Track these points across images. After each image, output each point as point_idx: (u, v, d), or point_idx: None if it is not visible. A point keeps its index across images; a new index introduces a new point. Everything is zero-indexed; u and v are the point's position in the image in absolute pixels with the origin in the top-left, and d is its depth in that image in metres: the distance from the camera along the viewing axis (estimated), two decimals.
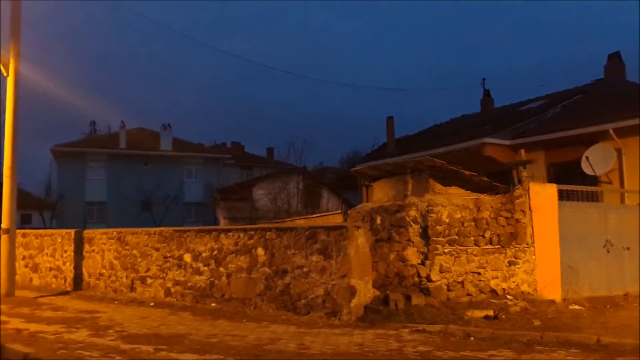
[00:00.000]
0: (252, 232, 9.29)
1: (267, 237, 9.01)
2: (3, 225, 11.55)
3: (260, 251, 9.04)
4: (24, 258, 13.86)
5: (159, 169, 39.70)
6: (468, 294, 9.32)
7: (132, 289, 11.01)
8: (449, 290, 9.28)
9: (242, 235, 9.39)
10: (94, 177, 39.41)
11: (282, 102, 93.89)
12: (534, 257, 9.75)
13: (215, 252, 9.70)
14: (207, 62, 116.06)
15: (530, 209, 9.86)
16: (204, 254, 9.88)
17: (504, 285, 9.56)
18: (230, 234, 9.60)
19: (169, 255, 10.46)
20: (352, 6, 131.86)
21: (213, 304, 9.45)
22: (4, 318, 8.56)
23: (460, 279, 9.37)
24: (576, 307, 9.30)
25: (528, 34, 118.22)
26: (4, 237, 11.53)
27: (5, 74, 11.69)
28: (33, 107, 34.22)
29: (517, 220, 9.78)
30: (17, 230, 12.27)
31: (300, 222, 16.30)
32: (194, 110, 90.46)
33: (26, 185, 35.33)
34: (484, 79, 28.48)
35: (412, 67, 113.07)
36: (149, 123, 57.38)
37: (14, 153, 11.64)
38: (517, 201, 9.83)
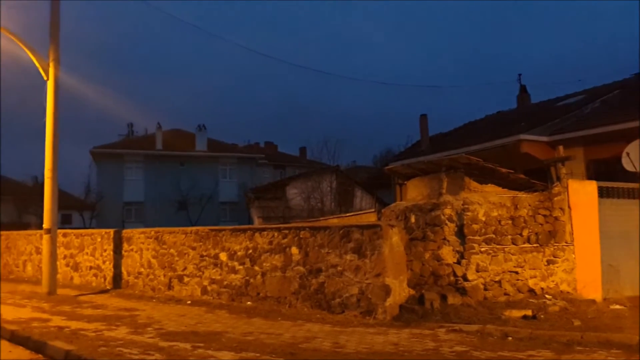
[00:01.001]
0: (286, 231, 9.33)
1: (301, 236, 9.04)
2: (45, 226, 11.89)
3: (294, 250, 9.08)
4: (65, 257, 14.23)
5: (195, 169, 40.27)
6: (505, 294, 9.17)
7: (169, 287, 11.20)
8: (485, 289, 9.14)
9: (276, 234, 9.44)
10: (132, 177, 40.22)
11: (315, 102, 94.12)
12: (573, 255, 9.53)
13: (250, 251, 9.79)
14: (240, 62, 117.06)
15: (569, 207, 9.64)
16: (239, 253, 9.98)
17: (543, 284, 9.37)
18: (265, 233, 9.67)
19: (205, 254, 10.60)
20: (383, 3, 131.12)
21: (248, 302, 9.54)
22: (46, 316, 8.84)
23: (497, 278, 9.22)
24: (617, 306, 9.05)
25: (565, 27, 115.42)
26: (46, 237, 11.85)
27: (45, 78, 12.02)
28: (72, 110, 35.13)
29: (556, 219, 9.57)
30: (58, 230, 12.60)
31: (334, 221, 16.29)
32: (227, 111, 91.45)
33: (66, 186, 36.34)
34: (520, 75, 28.07)
35: (445, 63, 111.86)
36: (184, 124, 58.32)
37: (55, 155, 11.96)
38: (555, 199, 9.63)
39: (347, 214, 18.93)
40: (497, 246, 9.32)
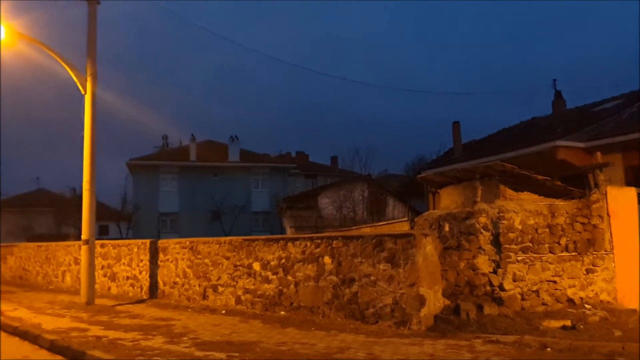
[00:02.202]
0: (319, 241, 9.33)
1: (333, 245, 9.02)
2: (83, 236, 12.14)
3: (327, 259, 9.06)
4: (102, 267, 14.52)
5: (228, 179, 40.72)
6: (543, 304, 8.96)
7: (204, 297, 11.31)
8: (523, 299, 8.95)
9: (309, 243, 9.45)
10: (167, 188, 40.92)
11: (346, 111, 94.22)
12: (613, 264, 9.27)
13: (283, 260, 9.82)
14: (270, 73, 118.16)
15: (608, 214, 9.40)
16: (272, 263, 10.02)
17: (582, 294, 9.14)
18: (298, 242, 9.69)
19: (238, 263, 10.68)
20: (411, 9, 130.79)
21: (282, 312, 9.56)
22: (84, 326, 9.01)
23: (535, 288, 9.02)
24: None
25: (600, 33, 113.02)
26: (84, 247, 12.11)
27: (83, 92, 12.33)
28: (109, 123, 36.00)
29: (595, 226, 9.34)
30: (96, 241, 12.83)
31: (366, 230, 16.23)
32: (259, 121, 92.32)
33: (103, 198, 37.15)
34: (554, 80, 27.43)
35: (478, 69, 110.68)
36: (217, 135, 59.11)
37: (92, 167, 12.24)
38: (594, 206, 9.40)
39: (380, 223, 18.86)
40: (534, 255, 9.13)
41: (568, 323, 7.96)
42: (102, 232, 37.01)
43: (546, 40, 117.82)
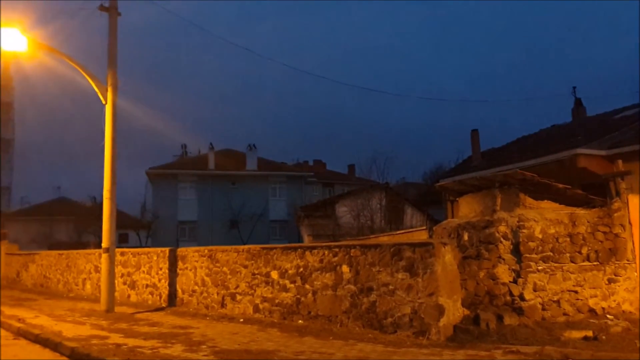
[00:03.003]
0: (337, 249, 9.32)
1: (351, 254, 9.00)
2: (103, 245, 12.28)
3: (345, 268, 9.04)
4: (122, 275, 14.64)
5: (245, 188, 40.93)
6: (565, 314, 8.84)
7: (222, 305, 11.34)
8: (543, 309, 8.84)
9: (326, 252, 9.44)
10: (186, 197, 41.22)
11: (363, 119, 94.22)
12: (635, 273, 9.14)
13: (301, 269, 9.82)
14: (288, 82, 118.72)
15: (630, 223, 9.27)
16: (290, 271, 10.02)
17: (604, 304, 9.00)
18: (315, 251, 9.68)
19: (256, 272, 10.70)
20: (427, 16, 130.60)
21: (300, 321, 9.55)
22: (104, 333, 9.09)
23: (555, 298, 8.91)
24: None
25: (619, 37, 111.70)
26: (104, 256, 12.24)
27: (103, 102, 12.52)
28: (129, 132, 36.41)
29: (616, 235, 9.20)
30: (116, 249, 12.98)
31: (384, 238, 16.17)
32: (277, 130, 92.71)
33: (123, 206, 37.54)
34: (574, 87, 27.12)
35: (497, 77, 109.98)
36: (235, 144, 59.48)
37: (113, 176, 12.39)
38: (615, 215, 9.26)
39: (398, 232, 18.78)
40: (555, 264, 9.02)
41: (590, 334, 7.84)
42: (122, 240, 37.38)
43: (565, 47, 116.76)
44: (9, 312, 12.19)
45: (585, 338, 7.72)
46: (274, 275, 10.32)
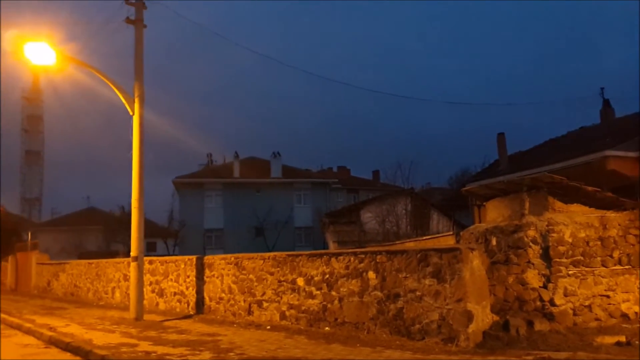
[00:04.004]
0: (363, 256, 9.27)
1: (377, 260, 8.95)
2: (132, 253, 12.42)
3: (371, 274, 8.98)
4: (150, 284, 14.79)
5: (270, 195, 41.10)
6: (596, 319, 8.65)
7: (249, 312, 11.38)
8: (575, 314, 8.66)
9: (352, 258, 9.40)
10: (212, 205, 41.59)
11: (388, 125, 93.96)
12: None
13: (327, 275, 9.79)
14: (311, 90, 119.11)
15: None
16: (316, 278, 10.01)
17: (636, 308, 8.79)
18: (341, 257, 9.65)
19: (282, 279, 10.71)
20: (454, 19, 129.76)
21: (327, 328, 9.51)
22: (134, 341, 9.19)
23: (587, 303, 8.72)
24: None
25: None
26: (133, 264, 12.38)
27: (131, 113, 12.70)
28: (156, 142, 36.91)
29: None
30: (145, 258, 13.11)
31: (410, 244, 16.06)
32: (301, 137, 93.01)
33: (151, 215, 37.97)
34: (602, 88, 26.65)
35: (521, 79, 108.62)
36: (259, 152, 59.85)
37: (141, 186, 12.55)
38: None
39: (424, 237, 18.62)
40: (586, 269, 8.83)
41: (622, 339, 7.65)
42: (150, 249, 37.81)
43: (592, 48, 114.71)
44: (41, 321, 12.41)
45: (618, 343, 7.53)
46: (300, 282, 10.31)
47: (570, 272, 8.78)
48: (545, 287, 8.78)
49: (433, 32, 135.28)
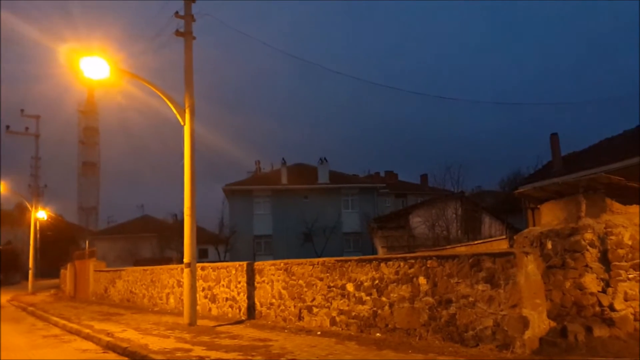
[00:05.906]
0: (413, 261, 9.17)
1: (428, 265, 8.83)
2: (185, 260, 12.71)
3: (421, 280, 8.88)
4: (203, 289, 15.07)
5: (318, 201, 41.29)
6: None
7: (299, 317, 11.42)
8: (636, 320, 8.28)
9: (402, 264, 9.32)
10: (261, 212, 42.16)
11: (436, 128, 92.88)
12: None
13: (377, 281, 9.73)
14: (358, 95, 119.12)
15: None
16: (365, 284, 9.96)
17: None
18: (390, 262, 9.57)
19: (332, 284, 10.71)
20: (500, 20, 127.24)
21: (377, 334, 9.45)
22: (188, 346, 9.39)
23: None
24: None
25: None
26: (186, 270, 12.65)
27: (182, 124, 13.01)
28: (206, 151, 37.72)
29: None
30: (197, 264, 13.39)
31: (461, 249, 15.76)
32: (348, 143, 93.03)
33: (202, 222, 38.79)
34: None
35: (576, 78, 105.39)
36: (306, 158, 60.24)
37: (193, 194, 12.84)
38: None
39: (476, 242, 18.25)
40: None
41: None
42: (201, 255, 38.54)
43: None
44: (98, 327, 12.82)
45: None
46: (350, 287, 10.29)
47: (630, 276, 8.42)
48: (604, 291, 8.45)
49: (475, 34, 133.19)
